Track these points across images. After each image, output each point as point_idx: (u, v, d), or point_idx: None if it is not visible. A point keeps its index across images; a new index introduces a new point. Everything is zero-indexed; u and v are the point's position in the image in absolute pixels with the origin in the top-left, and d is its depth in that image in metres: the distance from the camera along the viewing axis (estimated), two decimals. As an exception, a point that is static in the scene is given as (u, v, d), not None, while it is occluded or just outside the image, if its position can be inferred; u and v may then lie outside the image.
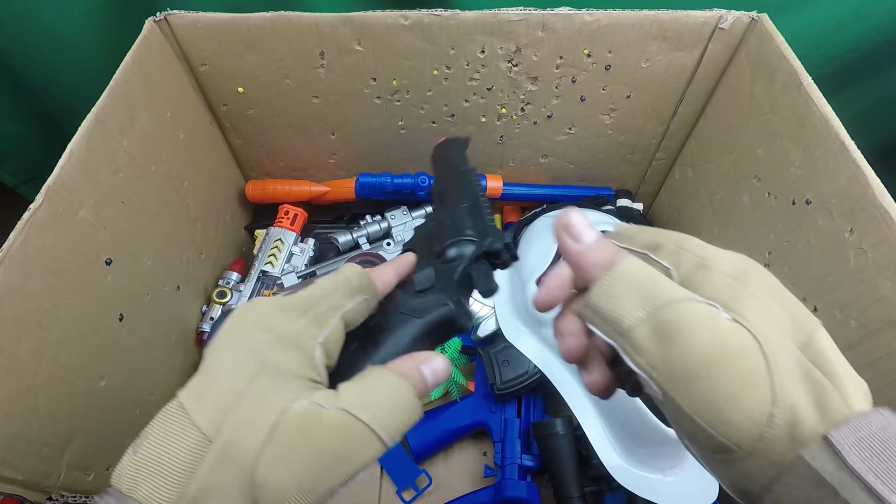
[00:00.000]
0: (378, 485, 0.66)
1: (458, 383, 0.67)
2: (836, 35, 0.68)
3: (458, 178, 0.41)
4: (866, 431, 0.20)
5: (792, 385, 0.22)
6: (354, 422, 0.25)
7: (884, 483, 0.19)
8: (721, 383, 0.22)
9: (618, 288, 0.25)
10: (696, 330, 0.23)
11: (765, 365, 0.22)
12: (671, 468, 0.56)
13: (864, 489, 0.19)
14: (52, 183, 0.42)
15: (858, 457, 0.20)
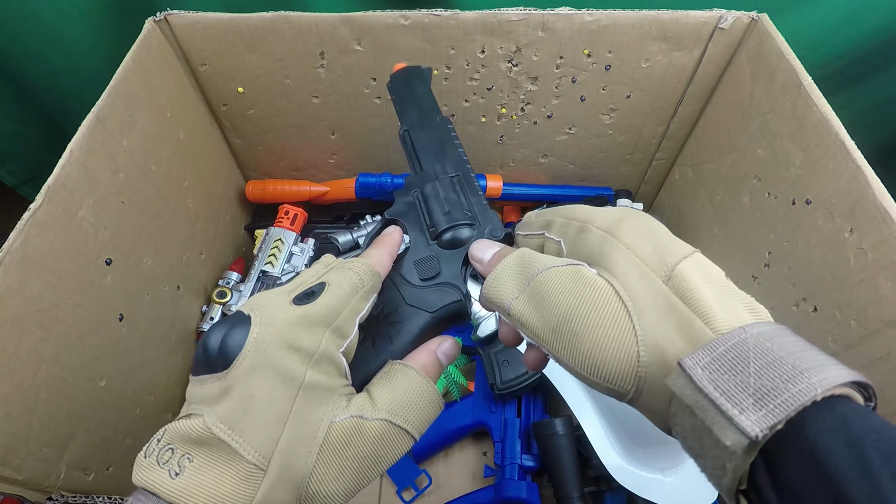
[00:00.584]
0: (378, 485, 0.66)
1: (458, 383, 0.67)
2: (836, 35, 0.68)
3: (439, 134, 0.40)
4: (721, 350, 0.21)
5: (655, 321, 0.23)
6: (392, 427, 0.27)
7: (728, 398, 0.19)
8: (585, 333, 0.24)
9: (499, 277, 0.29)
10: (557, 290, 0.25)
11: (623, 308, 0.24)
12: (671, 468, 0.56)
13: (713, 406, 0.20)
14: (52, 183, 0.42)
15: (708, 378, 0.20)
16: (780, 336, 0.21)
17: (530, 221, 0.32)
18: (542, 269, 0.27)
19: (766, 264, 0.55)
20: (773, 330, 0.21)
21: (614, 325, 0.24)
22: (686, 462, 0.57)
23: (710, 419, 0.20)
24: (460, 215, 0.36)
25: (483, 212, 0.36)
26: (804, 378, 0.19)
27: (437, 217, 0.36)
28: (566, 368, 0.26)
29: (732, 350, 0.21)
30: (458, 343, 0.32)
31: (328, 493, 0.25)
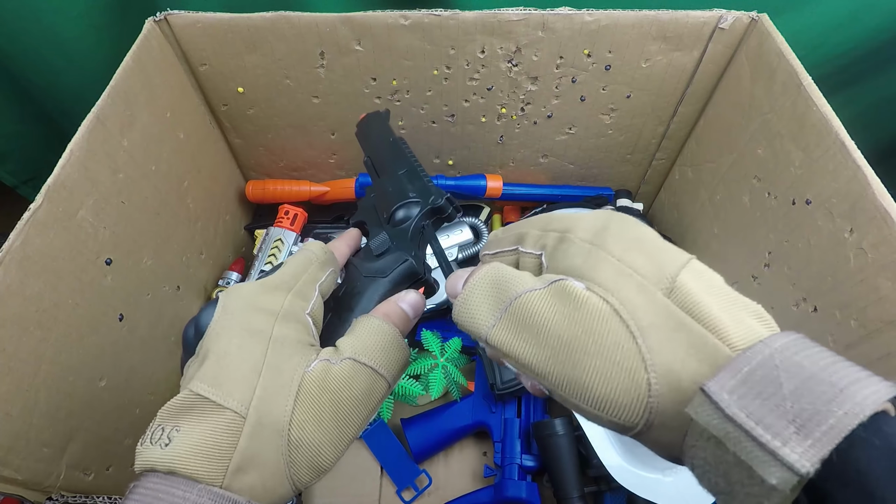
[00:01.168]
0: (378, 485, 0.66)
1: (458, 383, 0.67)
2: (836, 35, 0.68)
3: (390, 149, 0.44)
4: (746, 371, 0.18)
5: (662, 341, 0.20)
6: (359, 366, 0.27)
7: (766, 428, 0.17)
8: (583, 362, 0.21)
9: (469, 301, 0.25)
10: (544, 316, 0.22)
11: (625, 329, 0.21)
12: (671, 468, 0.56)
13: (748, 438, 0.17)
14: (52, 183, 0.42)
15: (738, 404, 0.18)
16: (805, 348, 0.19)
17: (498, 238, 0.29)
18: (520, 291, 0.24)
19: (766, 264, 0.55)
20: (796, 342, 0.19)
21: (616, 349, 0.21)
22: None
23: (746, 453, 0.17)
24: (406, 196, 0.38)
25: (426, 189, 0.39)
26: (847, 398, 0.17)
27: (387, 203, 0.39)
28: (564, 403, 0.23)
29: (759, 369, 0.18)
30: (422, 297, 0.33)
31: (311, 441, 0.25)
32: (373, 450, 0.67)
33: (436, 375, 0.65)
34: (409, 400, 0.66)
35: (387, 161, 0.43)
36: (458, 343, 0.68)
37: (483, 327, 0.24)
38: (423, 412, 0.68)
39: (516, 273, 0.25)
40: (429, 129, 0.70)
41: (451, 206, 0.38)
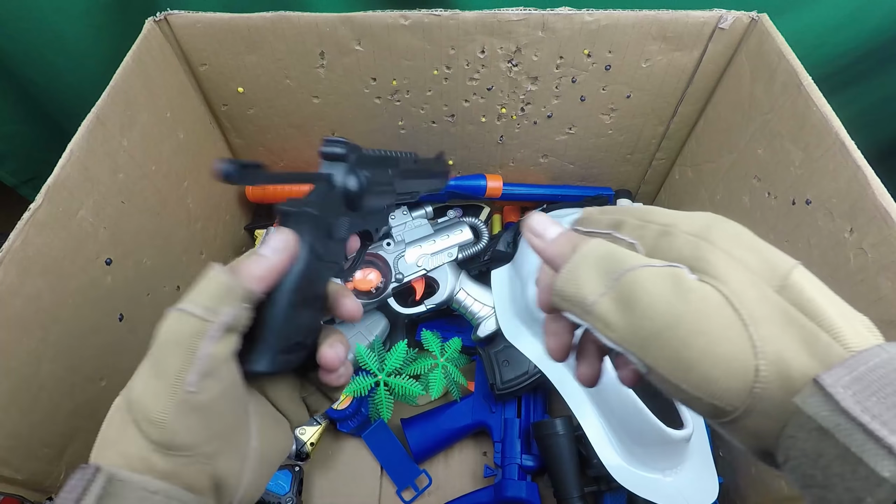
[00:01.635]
0: (378, 485, 0.66)
1: (458, 383, 0.67)
2: (836, 35, 0.68)
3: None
4: (863, 369, 0.19)
5: (774, 333, 0.21)
6: (174, 313, 0.26)
7: (882, 423, 0.17)
8: (692, 342, 0.21)
9: (579, 270, 0.25)
10: (655, 293, 0.22)
11: (736, 317, 0.21)
12: (671, 468, 0.56)
13: (862, 431, 0.18)
14: (52, 183, 0.42)
15: (853, 398, 0.18)
16: None
17: (595, 218, 0.28)
18: (634, 266, 0.23)
19: (766, 264, 0.55)
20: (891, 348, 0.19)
21: (727, 334, 0.21)
22: (685, 462, 0.57)
23: (857, 445, 0.17)
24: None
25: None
26: None
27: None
28: (659, 382, 0.23)
29: (876, 370, 0.18)
30: (289, 238, 0.30)
31: (150, 406, 0.25)
32: (373, 450, 0.67)
33: (436, 375, 0.65)
34: (409, 400, 0.66)
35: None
36: (458, 343, 0.68)
37: (589, 298, 0.24)
38: (423, 412, 0.68)
39: (627, 251, 0.25)
40: (429, 129, 0.70)
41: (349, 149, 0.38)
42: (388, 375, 0.64)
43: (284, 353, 0.29)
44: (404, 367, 0.66)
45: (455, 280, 0.68)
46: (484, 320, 0.67)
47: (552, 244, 0.28)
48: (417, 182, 0.51)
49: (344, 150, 0.37)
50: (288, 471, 0.63)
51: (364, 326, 0.69)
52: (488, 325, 0.66)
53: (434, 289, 0.69)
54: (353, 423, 0.66)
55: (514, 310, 0.65)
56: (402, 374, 0.65)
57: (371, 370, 0.64)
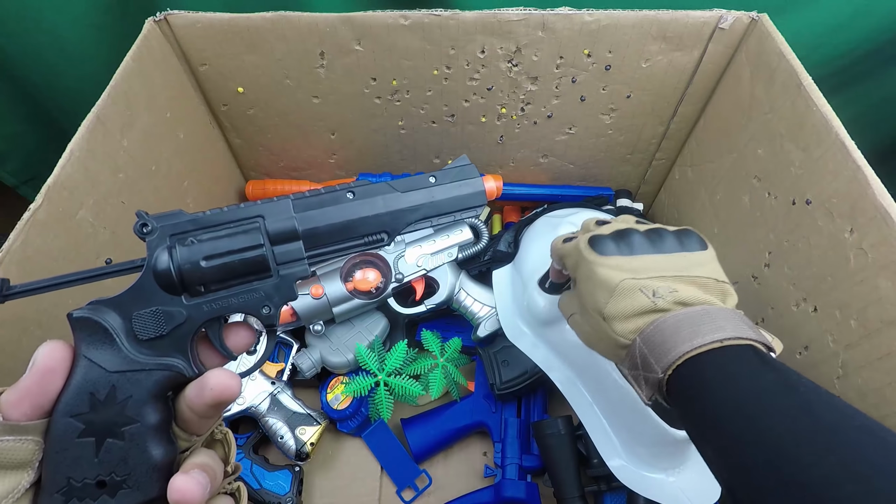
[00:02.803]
0: (378, 485, 0.66)
1: (458, 383, 0.67)
2: (836, 35, 0.68)
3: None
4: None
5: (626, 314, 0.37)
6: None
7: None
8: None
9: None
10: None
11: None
12: (674, 468, 0.56)
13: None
14: (52, 183, 0.42)
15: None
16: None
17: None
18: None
19: (766, 264, 0.55)
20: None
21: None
22: (689, 462, 0.57)
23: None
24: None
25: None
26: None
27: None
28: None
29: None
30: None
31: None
32: (373, 450, 0.67)
33: (436, 375, 0.65)
34: (409, 400, 0.66)
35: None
36: (458, 343, 0.68)
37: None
38: (423, 412, 0.68)
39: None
40: (429, 129, 0.70)
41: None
42: (388, 375, 0.64)
43: (79, 499, 0.25)
44: (404, 367, 0.66)
45: (455, 280, 0.68)
46: (484, 320, 0.67)
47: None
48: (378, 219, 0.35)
49: (143, 227, 0.30)
50: (288, 471, 0.63)
51: (364, 326, 0.69)
52: (488, 325, 0.66)
53: (434, 289, 0.69)
54: (353, 423, 0.66)
55: (516, 310, 0.65)
56: (402, 374, 0.65)
57: (371, 370, 0.64)
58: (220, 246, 0.30)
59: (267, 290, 0.31)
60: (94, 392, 0.26)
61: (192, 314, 0.30)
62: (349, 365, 0.66)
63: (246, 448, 0.65)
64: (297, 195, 0.33)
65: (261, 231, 0.31)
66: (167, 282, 0.29)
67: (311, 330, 0.66)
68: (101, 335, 0.28)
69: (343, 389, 0.65)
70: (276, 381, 0.66)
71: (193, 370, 0.29)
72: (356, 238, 0.34)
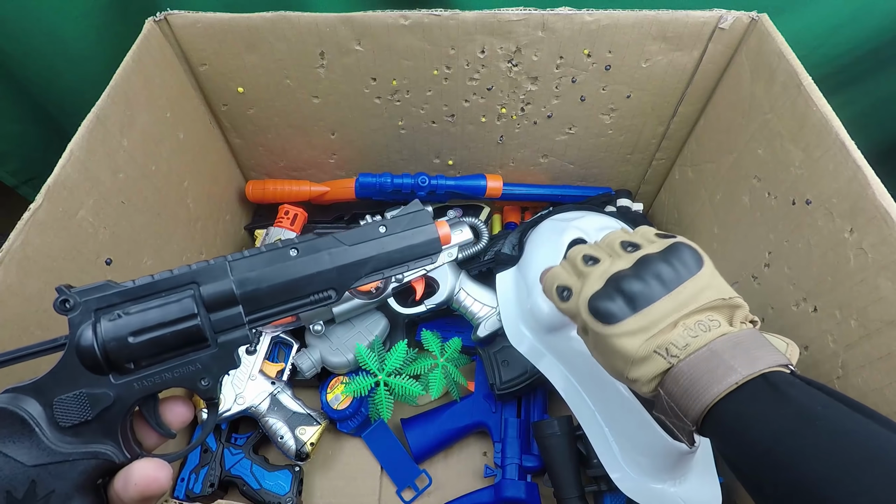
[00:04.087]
0: (378, 485, 0.66)
1: (458, 383, 0.67)
2: (836, 35, 0.68)
3: None
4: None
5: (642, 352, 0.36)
6: None
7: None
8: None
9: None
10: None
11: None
12: (675, 478, 0.56)
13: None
14: (52, 183, 0.42)
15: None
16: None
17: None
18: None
19: (766, 264, 0.55)
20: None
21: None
22: (691, 473, 0.56)
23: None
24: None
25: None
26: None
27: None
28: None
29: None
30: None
31: None
32: (373, 450, 0.67)
33: (436, 375, 0.65)
34: (409, 400, 0.66)
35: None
36: (458, 343, 0.68)
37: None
38: (423, 412, 0.68)
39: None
40: (429, 129, 0.70)
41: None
42: (388, 375, 0.64)
43: None
44: (404, 367, 0.66)
45: (455, 280, 0.68)
46: (484, 320, 0.67)
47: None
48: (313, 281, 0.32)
49: (64, 303, 0.28)
50: (288, 471, 0.63)
51: (364, 326, 0.69)
52: (488, 325, 0.66)
53: (434, 289, 0.69)
54: (353, 423, 0.66)
55: (519, 314, 0.65)
56: (402, 374, 0.65)
57: (371, 370, 0.64)
58: (149, 318, 0.28)
59: (204, 362, 0.29)
60: (11, 490, 0.24)
61: (122, 394, 0.27)
62: (349, 365, 0.66)
63: (246, 448, 0.65)
64: (234, 255, 0.30)
65: (194, 299, 0.29)
66: (92, 361, 0.27)
67: (311, 330, 0.66)
68: (18, 426, 0.26)
69: (343, 389, 0.65)
70: (276, 381, 0.66)
71: (125, 455, 0.27)
72: (301, 297, 0.31)
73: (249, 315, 0.30)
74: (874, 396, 0.42)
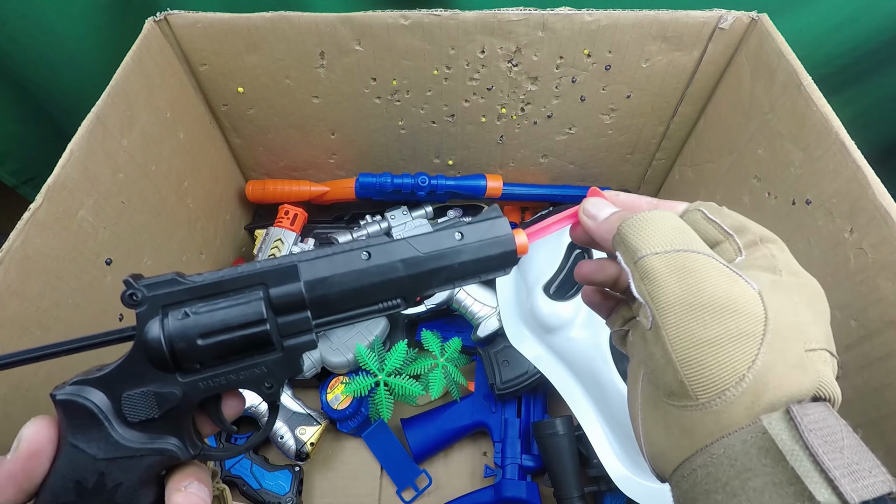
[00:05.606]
0: (378, 485, 0.66)
1: (458, 383, 0.67)
2: (836, 35, 0.68)
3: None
4: (817, 416, 0.22)
5: (776, 364, 0.23)
6: None
7: (831, 461, 0.21)
8: (713, 328, 0.24)
9: (648, 225, 0.27)
10: (711, 279, 0.25)
11: (761, 334, 0.24)
12: None
13: (811, 460, 0.21)
14: (52, 183, 0.42)
15: (812, 434, 0.21)
16: (845, 426, 0.23)
17: (724, 212, 0.29)
18: (701, 250, 0.26)
19: (766, 264, 0.55)
20: (836, 416, 0.23)
21: (742, 345, 0.24)
22: None
23: (805, 472, 0.21)
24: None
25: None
26: (882, 473, 0.21)
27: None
28: (651, 341, 0.25)
29: (827, 418, 0.22)
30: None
31: None
32: (373, 450, 0.67)
33: (436, 375, 0.65)
34: (409, 400, 0.66)
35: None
36: (458, 343, 0.68)
37: (642, 251, 0.26)
38: (423, 412, 0.68)
39: (696, 235, 0.27)
40: (429, 129, 0.70)
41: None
42: (388, 375, 0.64)
43: None
44: (404, 367, 0.66)
45: (455, 280, 0.68)
46: (484, 320, 0.67)
47: (603, 223, 0.30)
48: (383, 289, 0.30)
49: (132, 296, 0.28)
50: (288, 471, 0.63)
51: (364, 326, 0.69)
52: (488, 325, 0.66)
53: (434, 289, 0.69)
54: (353, 423, 0.66)
55: (520, 314, 0.65)
56: (402, 374, 0.65)
57: (371, 370, 0.64)
58: (217, 321, 0.27)
59: (270, 365, 0.28)
60: (81, 480, 0.25)
61: (188, 393, 0.27)
62: (349, 365, 0.66)
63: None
64: (303, 255, 0.29)
65: (263, 301, 0.28)
66: (159, 360, 0.27)
67: (311, 330, 0.66)
68: (87, 419, 0.26)
69: (343, 389, 0.65)
70: (276, 381, 0.66)
71: (189, 452, 0.27)
72: (370, 304, 0.29)
73: (316, 319, 0.29)
74: (874, 397, 0.42)
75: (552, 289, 0.62)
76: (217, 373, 0.28)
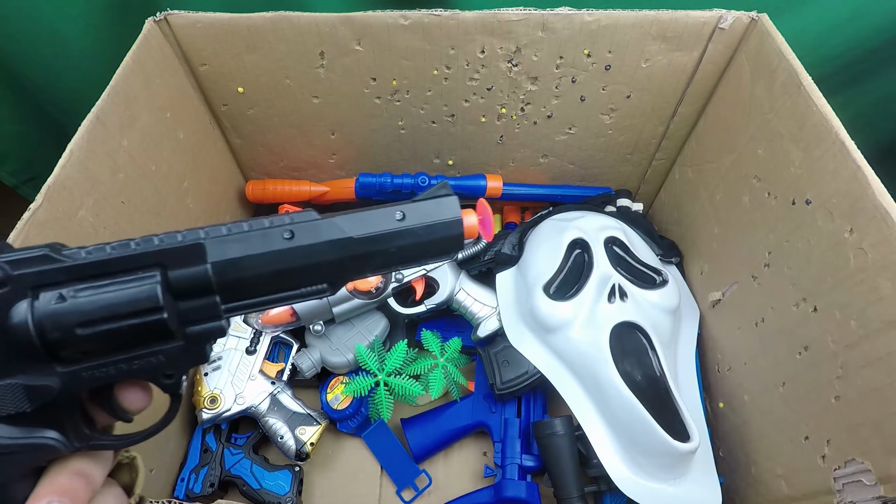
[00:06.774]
0: (378, 485, 0.66)
1: (458, 383, 0.67)
2: (835, 35, 0.68)
3: None
4: None
5: None
6: None
7: None
8: None
9: None
10: None
11: None
12: (675, 478, 0.56)
13: None
14: (52, 183, 0.42)
15: None
16: None
17: None
18: None
19: (766, 264, 0.55)
20: None
21: None
22: (690, 472, 0.56)
23: None
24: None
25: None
26: None
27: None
28: None
29: None
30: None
31: None
32: (373, 450, 0.67)
33: (436, 375, 0.65)
34: (409, 400, 0.66)
35: None
36: (458, 343, 0.68)
37: None
38: (423, 412, 0.68)
39: None
40: (429, 129, 0.70)
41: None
42: (388, 375, 0.64)
43: None
44: (404, 367, 0.66)
45: (455, 280, 0.68)
46: (484, 320, 0.67)
47: None
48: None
49: None
50: (288, 471, 0.63)
51: (364, 326, 0.69)
52: (488, 325, 0.66)
53: (434, 289, 0.69)
54: (353, 423, 0.66)
55: (519, 314, 0.65)
56: (402, 374, 0.65)
57: (371, 370, 0.64)
58: (101, 308, 0.23)
59: (170, 354, 0.24)
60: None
61: (69, 384, 0.23)
62: (349, 365, 0.66)
63: (246, 448, 0.65)
64: (212, 230, 0.25)
65: (160, 285, 0.24)
66: (28, 350, 0.23)
67: (310, 330, 0.66)
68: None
69: (343, 389, 0.65)
70: (276, 381, 0.66)
71: (73, 444, 0.24)
72: (291, 289, 0.26)
73: (227, 303, 0.25)
74: (874, 396, 0.42)
75: (552, 289, 0.62)
76: (105, 362, 0.24)
